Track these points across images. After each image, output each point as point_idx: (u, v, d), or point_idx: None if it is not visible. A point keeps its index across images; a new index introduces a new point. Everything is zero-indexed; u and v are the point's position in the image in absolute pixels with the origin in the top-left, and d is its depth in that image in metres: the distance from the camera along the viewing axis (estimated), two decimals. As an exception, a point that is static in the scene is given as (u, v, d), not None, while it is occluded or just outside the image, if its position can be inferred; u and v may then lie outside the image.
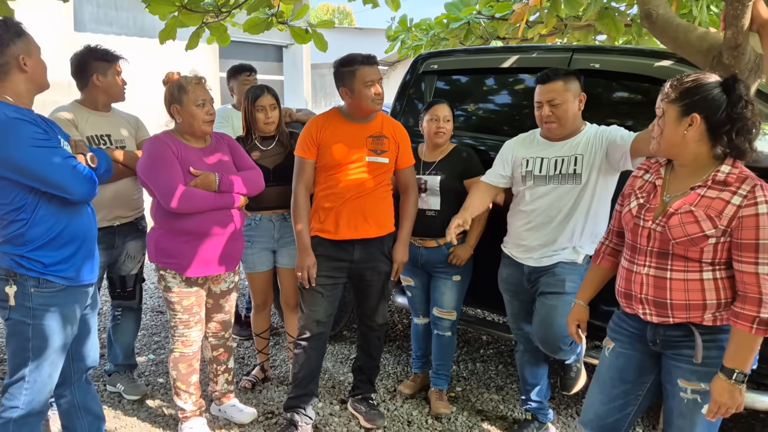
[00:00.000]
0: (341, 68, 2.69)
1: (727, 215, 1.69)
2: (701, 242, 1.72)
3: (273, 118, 3.07)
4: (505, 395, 3.33)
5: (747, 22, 1.90)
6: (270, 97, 3.07)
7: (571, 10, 4.24)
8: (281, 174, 3.04)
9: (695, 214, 1.73)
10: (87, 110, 2.89)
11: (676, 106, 1.73)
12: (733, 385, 1.69)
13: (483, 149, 3.19)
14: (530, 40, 5.35)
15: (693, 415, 1.82)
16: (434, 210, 2.96)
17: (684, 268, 1.77)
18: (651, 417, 3.03)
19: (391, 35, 6.48)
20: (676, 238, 1.75)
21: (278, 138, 3.11)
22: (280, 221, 3.11)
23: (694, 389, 1.79)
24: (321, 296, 2.78)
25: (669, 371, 1.86)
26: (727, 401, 1.70)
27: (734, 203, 1.69)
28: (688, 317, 1.78)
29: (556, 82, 2.50)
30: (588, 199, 2.53)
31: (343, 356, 3.77)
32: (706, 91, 1.71)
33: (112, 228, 2.91)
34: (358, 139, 2.73)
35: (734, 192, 1.70)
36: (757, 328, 1.66)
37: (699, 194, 1.75)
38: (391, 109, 3.76)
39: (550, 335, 2.51)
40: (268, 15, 3.52)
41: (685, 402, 1.82)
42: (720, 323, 1.77)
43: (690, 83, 1.73)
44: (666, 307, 1.80)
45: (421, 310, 3.23)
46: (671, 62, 2.78)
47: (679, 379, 1.82)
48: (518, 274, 2.68)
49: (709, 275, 1.76)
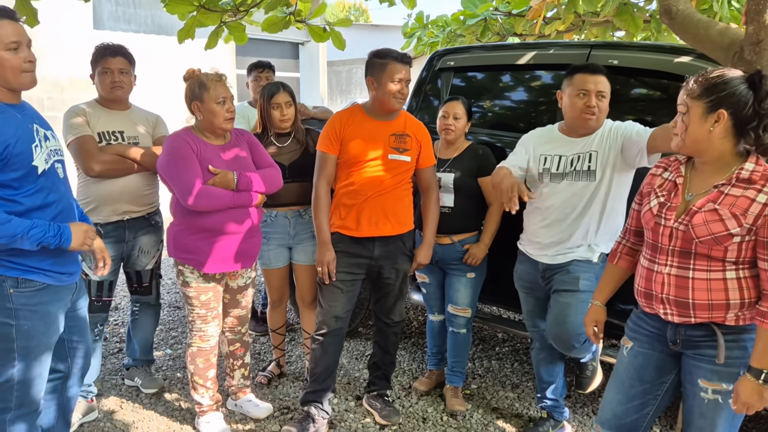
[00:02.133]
0: (375, 59, 2.72)
1: (752, 213, 1.67)
2: (726, 241, 1.70)
3: (288, 115, 3.08)
4: (520, 393, 3.32)
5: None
6: (285, 95, 3.08)
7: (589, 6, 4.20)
8: (297, 171, 3.05)
9: (720, 213, 1.70)
10: (101, 108, 2.93)
11: (701, 103, 1.70)
12: (762, 385, 1.66)
13: (499, 146, 3.18)
14: (547, 37, 5.31)
15: (714, 415, 1.80)
16: (448, 207, 2.96)
17: (707, 268, 1.75)
18: (668, 417, 3.01)
19: (408, 32, 6.48)
20: (701, 237, 1.72)
21: (294, 135, 3.12)
22: (296, 218, 3.12)
23: (716, 389, 1.77)
24: (340, 292, 2.79)
25: (690, 371, 1.84)
26: (756, 402, 1.68)
27: (760, 201, 1.67)
28: (710, 317, 1.76)
29: (603, 75, 2.49)
30: (603, 197, 2.51)
31: (358, 352, 3.79)
32: (733, 87, 1.68)
33: (122, 222, 2.93)
34: (381, 137, 2.74)
35: (759, 190, 1.68)
36: None
37: (723, 192, 1.73)
38: (407, 105, 3.76)
39: (563, 333, 2.50)
40: (286, 14, 3.53)
41: (706, 402, 1.80)
42: (743, 323, 1.75)
43: (716, 79, 1.70)
44: (688, 307, 1.78)
45: (437, 307, 3.23)
46: (691, 58, 2.75)
47: (700, 380, 1.80)
48: (533, 271, 2.67)
49: (733, 275, 1.73)
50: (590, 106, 2.46)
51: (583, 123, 2.51)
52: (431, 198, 2.88)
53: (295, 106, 3.12)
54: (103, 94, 2.93)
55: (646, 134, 2.37)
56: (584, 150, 2.52)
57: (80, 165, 2.82)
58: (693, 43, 2.22)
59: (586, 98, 2.47)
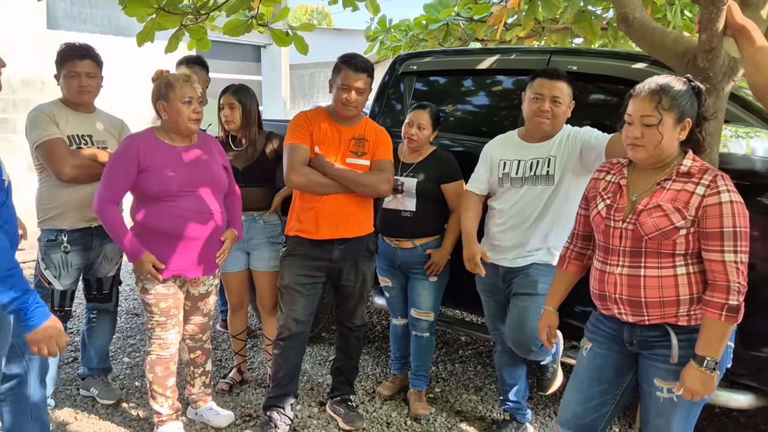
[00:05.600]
0: (338, 61, 2.73)
1: (693, 205, 1.74)
2: (673, 235, 1.75)
3: (231, 117, 3.05)
4: (483, 396, 3.34)
5: (721, 25, 1.92)
6: (230, 97, 3.06)
7: (548, 12, 4.28)
8: (251, 175, 3.03)
9: (664, 208, 1.77)
10: (67, 109, 2.84)
11: (673, 113, 1.76)
12: (705, 372, 1.71)
13: (462, 150, 3.20)
14: (508, 43, 5.39)
15: (670, 413, 1.84)
16: (410, 211, 2.96)
17: (658, 265, 1.79)
18: (627, 416, 3.06)
19: (370, 36, 6.49)
20: (649, 233, 1.77)
21: (249, 139, 3.08)
22: (250, 222, 3.09)
23: (671, 388, 1.81)
24: (300, 295, 2.77)
25: (646, 371, 1.88)
26: (699, 388, 1.73)
27: (698, 193, 1.74)
28: (662, 315, 1.80)
29: (563, 81, 2.53)
30: (561, 201, 2.55)
31: (321, 358, 3.75)
32: (690, 97, 1.78)
33: (89, 229, 2.85)
34: (341, 140, 2.73)
35: (697, 183, 1.76)
36: (726, 315, 1.70)
37: (665, 188, 1.80)
38: (370, 109, 3.75)
39: (521, 336, 2.52)
40: (248, 17, 3.49)
41: (662, 401, 1.84)
42: (694, 323, 1.79)
43: (679, 90, 1.77)
44: (641, 305, 1.82)
45: (400, 311, 3.23)
46: (647, 65, 2.82)
47: (656, 379, 1.84)
48: (494, 275, 2.70)
49: (683, 270, 1.78)
50: (543, 110, 2.51)
51: (536, 126, 2.55)
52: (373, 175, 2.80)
53: (244, 109, 3.07)
54: (69, 98, 2.84)
55: (605, 140, 2.42)
56: (543, 155, 2.56)
57: (51, 168, 2.72)
58: (649, 50, 2.26)
59: (540, 102, 2.51)
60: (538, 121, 2.53)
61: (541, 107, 2.51)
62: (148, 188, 2.48)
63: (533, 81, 2.56)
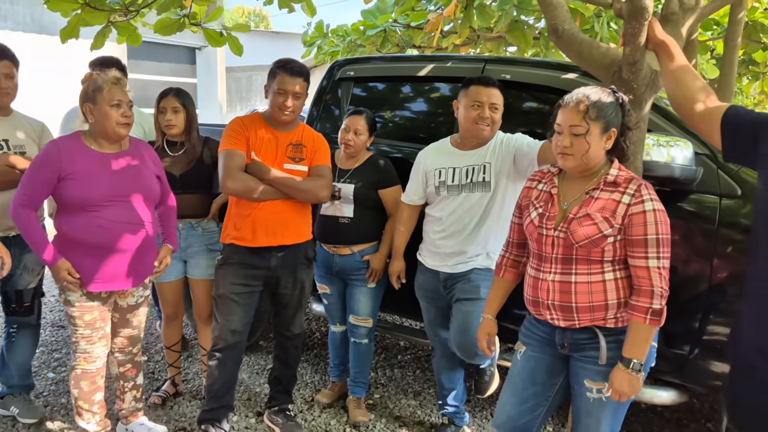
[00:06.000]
0: (273, 66, 2.70)
1: (619, 214, 1.81)
2: (602, 242, 1.81)
3: (174, 121, 2.95)
4: (422, 400, 3.36)
5: (643, 39, 2.01)
6: (173, 100, 2.97)
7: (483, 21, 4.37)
8: (188, 182, 2.95)
9: (592, 217, 1.83)
10: None
11: (599, 123, 1.82)
12: (631, 374, 1.79)
13: (399, 156, 3.22)
14: (445, 50, 5.47)
15: (599, 413, 1.90)
16: (348, 218, 2.95)
17: (587, 271, 1.86)
18: (560, 415, 3.15)
19: (308, 40, 6.45)
20: (579, 241, 1.83)
21: (187, 145, 3.00)
22: (188, 229, 3.01)
23: (600, 389, 1.88)
24: (236, 305, 2.71)
25: (576, 372, 1.94)
26: (626, 389, 1.80)
27: (624, 202, 1.81)
28: (592, 319, 1.86)
29: (497, 89, 2.59)
30: (498, 206, 2.60)
31: (259, 367, 3.69)
32: (615, 107, 1.85)
33: (6, 239, 2.70)
34: (278, 146, 2.70)
35: (623, 192, 1.83)
36: (650, 319, 1.77)
37: (593, 197, 1.86)
38: (308, 115, 3.73)
39: (466, 341, 2.56)
40: (180, 16, 3.39)
41: (592, 401, 1.90)
42: (621, 325, 1.86)
43: (605, 101, 1.83)
44: (572, 310, 1.87)
45: (338, 317, 3.21)
46: (576, 75, 2.92)
47: (586, 380, 1.90)
48: (434, 281, 2.72)
49: (610, 276, 1.85)
50: (484, 117, 2.55)
51: (477, 133, 2.59)
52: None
53: (187, 114, 3.00)
54: None
55: (536, 146, 2.49)
56: (478, 162, 2.61)
57: None
58: (577, 61, 2.34)
59: (480, 109, 2.55)
60: (478, 128, 2.57)
61: (481, 114, 2.55)
62: (71, 197, 2.37)
63: (468, 88, 2.60)
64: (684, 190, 2.51)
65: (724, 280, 2.43)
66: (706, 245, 2.46)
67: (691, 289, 2.48)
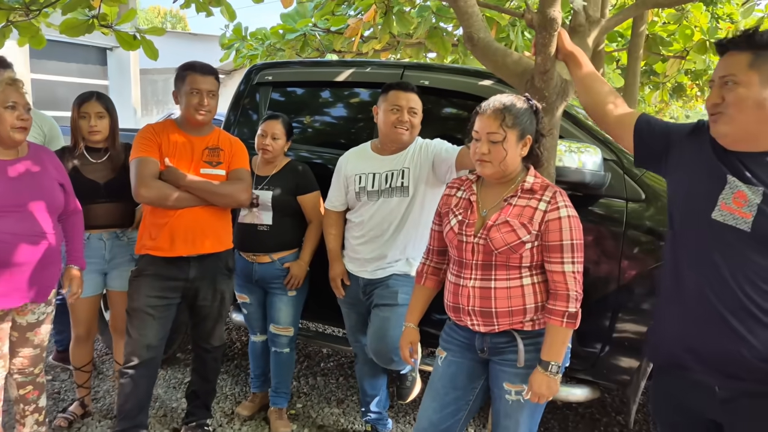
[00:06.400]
0: (178, 72, 2.62)
1: (536, 220, 1.85)
2: (520, 249, 1.85)
3: (99, 127, 2.82)
4: (345, 408, 3.33)
5: (553, 49, 2.08)
6: (97, 104, 2.83)
7: (402, 27, 4.41)
8: (114, 190, 2.81)
9: (511, 224, 1.86)
10: None
11: (516, 131, 1.86)
12: (550, 376, 1.83)
13: (319, 162, 3.19)
14: (365, 55, 5.48)
15: (517, 414, 1.94)
16: (266, 225, 2.89)
17: (506, 277, 1.89)
18: (481, 417, 3.21)
19: (226, 43, 6.31)
20: (498, 248, 1.86)
21: (111, 150, 2.85)
22: (113, 240, 2.87)
23: (518, 391, 1.91)
24: (152, 318, 2.59)
25: (496, 376, 1.97)
26: (545, 392, 1.84)
27: (541, 209, 1.86)
28: (511, 323, 1.90)
29: (416, 94, 2.61)
30: (417, 212, 2.61)
31: (176, 381, 3.55)
32: (529, 115, 1.89)
33: None
34: (194, 150, 2.61)
35: (539, 199, 1.87)
36: (567, 322, 1.83)
37: (511, 204, 1.90)
38: (225, 120, 3.63)
39: (383, 347, 2.55)
40: (89, 17, 3.22)
41: (510, 403, 1.93)
42: (538, 327, 1.91)
43: (520, 109, 1.87)
44: (492, 315, 1.90)
45: (258, 327, 3.13)
46: (492, 82, 2.99)
47: (505, 383, 1.93)
48: (355, 287, 2.71)
49: (528, 281, 1.89)
50: (402, 121, 2.57)
51: (396, 137, 2.60)
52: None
53: (110, 118, 2.86)
54: None
55: (455, 152, 2.52)
56: (397, 167, 2.62)
57: None
58: (492, 68, 2.39)
59: (398, 114, 2.57)
60: (397, 132, 2.58)
61: (400, 118, 2.56)
62: None
63: (387, 93, 2.61)
64: (594, 194, 2.62)
65: (632, 279, 2.54)
66: (615, 247, 2.57)
67: (602, 289, 2.59)
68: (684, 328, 1.62)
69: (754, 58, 1.50)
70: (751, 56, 1.50)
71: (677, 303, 1.64)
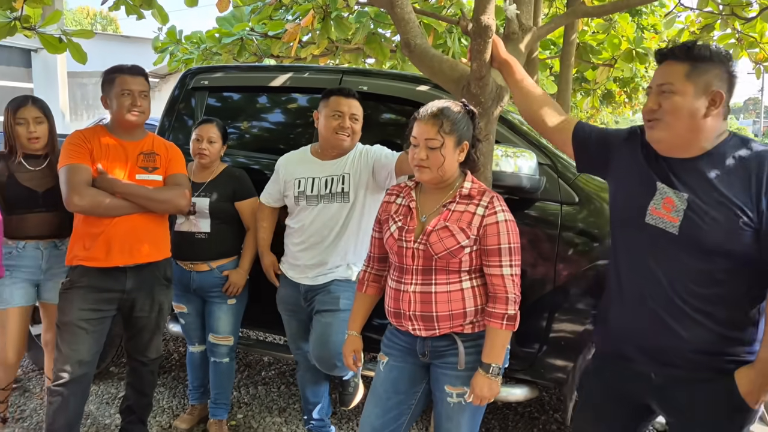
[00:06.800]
0: (105, 76, 2.54)
1: (475, 225, 1.88)
2: (459, 253, 1.87)
3: (38, 133, 2.70)
4: (287, 417, 3.28)
5: (488, 56, 2.12)
6: (33, 109, 2.71)
7: (340, 33, 4.42)
8: (52, 199, 2.69)
9: (450, 229, 1.89)
10: None
11: (453, 137, 1.88)
12: (491, 378, 1.87)
13: (257, 168, 3.14)
14: (304, 60, 5.45)
15: (459, 417, 1.96)
16: (204, 233, 2.83)
17: (446, 281, 1.91)
18: (424, 420, 3.23)
19: (159, 46, 6.14)
20: (438, 253, 1.88)
21: (50, 157, 2.72)
22: (50, 249, 2.75)
23: (459, 393, 1.94)
24: (85, 332, 2.47)
25: (437, 379, 1.99)
26: (486, 394, 1.88)
27: (479, 214, 1.89)
28: (451, 326, 1.92)
29: (357, 100, 2.60)
30: (358, 217, 2.61)
31: (109, 396, 3.41)
32: (466, 120, 1.92)
33: None
34: (128, 156, 2.52)
35: (477, 204, 1.91)
36: (506, 324, 1.87)
37: (450, 210, 1.92)
38: (159, 125, 3.52)
39: (325, 353, 2.53)
40: (11, 19, 3.07)
41: (452, 406, 1.95)
42: (478, 330, 1.94)
43: (457, 115, 1.89)
44: (432, 320, 1.91)
45: (197, 337, 3.05)
46: (429, 88, 3.02)
47: (446, 386, 1.95)
48: (296, 294, 2.68)
49: (468, 284, 1.92)
50: (344, 127, 2.56)
51: (337, 143, 2.59)
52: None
53: (49, 124, 2.73)
54: None
55: (394, 158, 2.54)
56: (337, 172, 2.61)
57: None
58: (429, 74, 2.42)
59: (340, 119, 2.57)
60: (338, 138, 2.58)
61: (341, 124, 2.56)
62: None
63: (328, 99, 2.60)
64: (530, 198, 2.69)
65: (567, 280, 2.62)
66: (551, 249, 2.64)
67: (539, 290, 2.65)
68: (627, 325, 1.72)
69: (690, 69, 1.57)
70: (689, 67, 1.58)
71: (620, 303, 1.74)
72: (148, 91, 2.56)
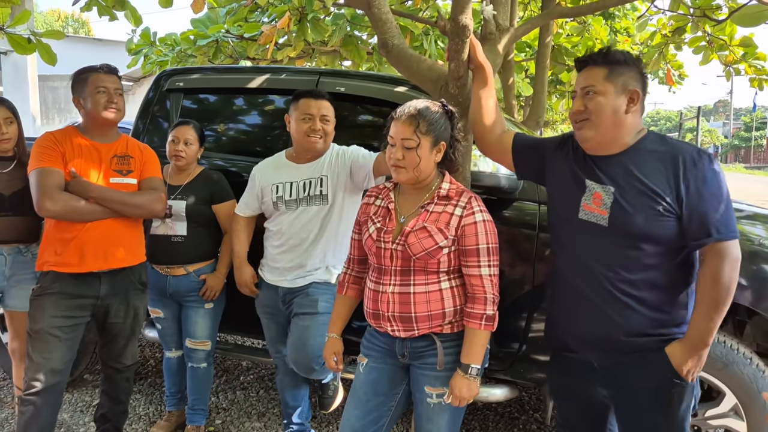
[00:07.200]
0: (76, 77, 2.48)
1: (453, 226, 1.89)
2: (437, 254, 1.87)
3: (9, 134, 2.65)
4: (267, 421, 3.25)
5: (466, 56, 2.13)
6: (3, 110, 2.67)
7: (317, 35, 4.39)
8: (18, 202, 2.63)
9: (428, 229, 1.88)
10: None
11: (430, 137, 1.88)
12: (470, 379, 1.87)
13: (234, 170, 3.11)
14: (280, 62, 5.41)
15: (439, 417, 1.95)
16: (181, 236, 2.79)
17: (425, 281, 1.91)
18: (405, 422, 3.22)
19: (133, 49, 6.04)
20: (416, 253, 1.87)
21: (18, 159, 2.66)
22: (15, 255, 2.69)
23: (439, 394, 1.93)
24: (57, 340, 2.41)
25: (417, 380, 1.98)
26: (466, 394, 1.87)
27: (457, 214, 1.89)
28: (430, 327, 1.91)
29: (327, 101, 2.58)
30: (336, 219, 2.59)
31: (83, 404, 3.34)
32: (444, 120, 1.92)
33: None
34: (101, 158, 2.47)
35: (455, 204, 1.91)
36: (485, 325, 1.87)
37: (428, 210, 1.92)
38: (133, 127, 3.47)
39: (303, 356, 2.51)
40: (-23, 19, 3.00)
41: (432, 407, 1.95)
42: (457, 330, 1.94)
43: (435, 115, 1.89)
44: (411, 320, 1.91)
45: (174, 342, 3.01)
46: (407, 89, 3.02)
47: (426, 386, 1.95)
48: (274, 297, 2.65)
49: (446, 284, 1.92)
50: (315, 129, 2.54)
51: (309, 146, 2.57)
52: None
53: (18, 125, 2.67)
54: None
55: (372, 158, 2.52)
56: (314, 175, 2.59)
57: None
58: (407, 75, 2.41)
59: (311, 122, 2.54)
60: (310, 141, 2.55)
61: (312, 127, 2.53)
62: None
63: (298, 102, 2.58)
64: (508, 198, 2.69)
65: (545, 280, 2.63)
66: (529, 249, 2.65)
67: (517, 290, 2.66)
68: (568, 315, 1.88)
69: (609, 72, 1.75)
70: (607, 70, 1.76)
71: (562, 298, 1.91)
72: (122, 90, 2.52)
